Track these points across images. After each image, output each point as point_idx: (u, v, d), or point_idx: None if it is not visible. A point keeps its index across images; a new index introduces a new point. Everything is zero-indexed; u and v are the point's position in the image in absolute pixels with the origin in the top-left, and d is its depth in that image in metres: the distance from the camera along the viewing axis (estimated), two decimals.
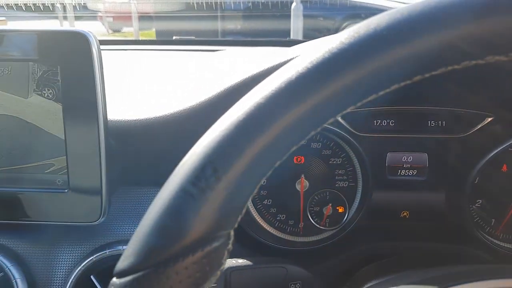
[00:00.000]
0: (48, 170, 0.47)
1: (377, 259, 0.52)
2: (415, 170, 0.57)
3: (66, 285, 0.49)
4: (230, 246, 0.25)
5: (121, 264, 0.25)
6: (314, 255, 0.57)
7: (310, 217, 0.59)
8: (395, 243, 0.59)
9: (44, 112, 0.46)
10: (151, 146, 0.52)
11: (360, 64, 0.22)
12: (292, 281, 0.41)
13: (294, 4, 6.00)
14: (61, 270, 0.50)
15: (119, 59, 0.88)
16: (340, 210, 0.59)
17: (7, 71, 0.45)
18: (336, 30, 6.10)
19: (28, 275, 0.50)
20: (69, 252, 0.51)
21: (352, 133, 0.55)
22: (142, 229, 0.24)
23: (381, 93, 0.23)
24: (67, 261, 0.50)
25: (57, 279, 0.50)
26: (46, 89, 0.45)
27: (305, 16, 5.94)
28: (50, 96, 0.45)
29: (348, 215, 0.58)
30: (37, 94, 0.45)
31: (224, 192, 0.23)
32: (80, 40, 0.44)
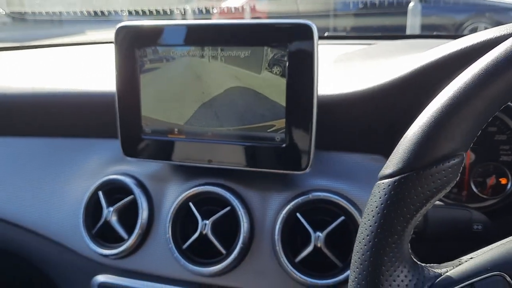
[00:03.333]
0: (270, 130, 0.62)
1: None
2: None
3: (277, 220, 0.63)
4: (461, 168, 0.36)
5: (386, 170, 0.37)
6: None
7: (473, 186, 0.67)
8: None
9: (271, 85, 0.60)
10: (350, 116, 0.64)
11: None
12: (475, 222, 0.51)
13: (412, 4, 5.81)
14: (273, 208, 0.65)
15: None
16: (503, 181, 0.66)
17: (247, 53, 0.61)
18: (456, 30, 5.79)
19: (249, 210, 0.65)
20: (279, 194, 0.65)
21: None
22: (405, 144, 0.36)
23: None
24: (277, 201, 0.65)
25: (270, 215, 0.65)
26: (275, 67, 0.60)
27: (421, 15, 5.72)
28: (278, 72, 0.60)
29: (511, 186, 0.65)
30: (268, 71, 0.60)
31: (465, 123, 0.34)
32: (305, 29, 0.58)
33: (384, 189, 0.36)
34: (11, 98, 0.82)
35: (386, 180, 0.36)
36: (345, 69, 0.78)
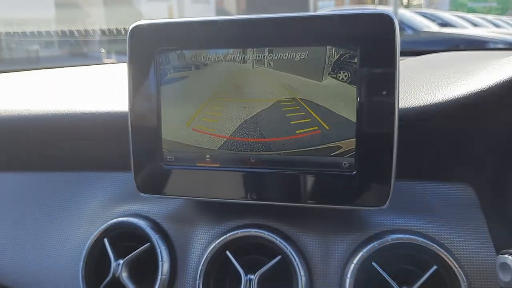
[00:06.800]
0: (334, 153, 0.47)
1: None
2: None
3: (346, 273, 0.48)
4: None
5: None
6: None
7: None
8: None
9: (336, 95, 0.47)
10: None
11: None
12: None
13: None
14: (338, 256, 0.49)
15: None
16: None
17: (304, 56, 0.47)
18: None
19: (306, 260, 0.50)
20: (344, 238, 0.50)
21: None
22: None
23: None
24: (343, 247, 0.50)
25: (335, 265, 0.49)
26: (341, 72, 0.46)
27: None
28: (345, 78, 0.46)
29: None
30: (331, 77, 0.47)
31: None
32: (383, 22, 0.45)
33: None
34: None
35: None
36: (412, 80, 0.65)
